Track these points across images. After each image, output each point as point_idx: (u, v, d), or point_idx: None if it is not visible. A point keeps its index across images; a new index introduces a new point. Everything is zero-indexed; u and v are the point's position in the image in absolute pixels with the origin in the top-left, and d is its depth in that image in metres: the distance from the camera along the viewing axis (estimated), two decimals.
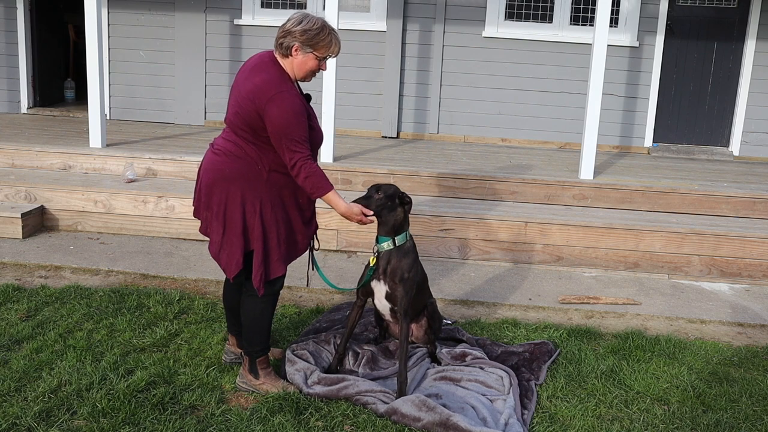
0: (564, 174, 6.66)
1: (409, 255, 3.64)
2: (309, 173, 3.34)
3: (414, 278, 3.64)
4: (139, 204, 6.03)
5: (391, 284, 3.62)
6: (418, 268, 3.69)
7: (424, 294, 3.87)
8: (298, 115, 3.30)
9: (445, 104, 8.37)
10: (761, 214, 6.29)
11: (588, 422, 3.42)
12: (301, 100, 3.35)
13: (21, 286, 4.78)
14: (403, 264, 3.61)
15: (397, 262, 3.60)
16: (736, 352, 4.33)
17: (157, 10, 8.41)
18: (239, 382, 3.60)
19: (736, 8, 8.08)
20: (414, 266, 3.65)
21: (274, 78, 3.33)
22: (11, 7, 8.48)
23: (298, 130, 3.30)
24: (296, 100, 3.32)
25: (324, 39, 3.39)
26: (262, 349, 3.58)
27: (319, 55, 3.40)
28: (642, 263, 5.77)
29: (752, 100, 8.14)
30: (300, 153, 3.31)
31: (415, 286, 3.65)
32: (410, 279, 3.61)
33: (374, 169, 6.48)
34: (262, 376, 3.57)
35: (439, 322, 4.00)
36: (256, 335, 3.56)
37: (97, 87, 6.69)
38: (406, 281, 3.60)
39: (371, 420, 3.33)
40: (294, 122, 3.29)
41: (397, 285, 3.60)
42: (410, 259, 3.64)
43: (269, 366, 3.61)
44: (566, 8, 8.16)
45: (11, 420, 3.19)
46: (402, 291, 3.60)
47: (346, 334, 3.78)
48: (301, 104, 3.35)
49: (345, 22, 7.90)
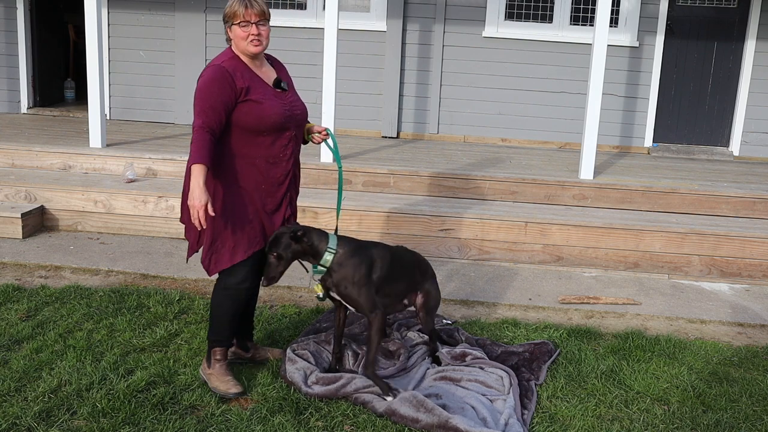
0: (564, 174, 6.66)
1: (345, 264, 3.50)
2: (194, 140, 3.33)
3: (363, 278, 3.51)
4: (139, 204, 6.03)
5: (343, 296, 3.55)
6: (363, 269, 3.53)
7: (407, 277, 3.79)
8: (209, 84, 3.33)
9: (445, 104, 8.36)
10: (761, 214, 6.28)
11: (588, 422, 3.42)
12: (222, 72, 3.35)
13: (21, 286, 4.78)
14: (343, 274, 3.50)
15: (337, 276, 3.51)
16: (736, 352, 4.33)
17: (157, 10, 8.41)
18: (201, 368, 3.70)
19: (736, 8, 8.08)
20: (358, 269, 3.51)
21: (212, 60, 3.50)
22: (11, 7, 8.48)
23: (201, 100, 3.33)
24: (216, 72, 3.35)
25: (231, 6, 3.46)
26: (217, 341, 3.61)
27: (236, 22, 3.44)
28: (642, 263, 5.77)
29: (752, 100, 8.14)
30: (197, 120, 3.33)
31: (368, 283, 3.53)
32: (358, 282, 3.50)
33: (374, 169, 6.48)
34: (212, 368, 3.60)
35: (434, 302, 3.92)
36: (213, 325, 3.62)
37: (97, 87, 6.69)
38: (355, 285, 3.50)
39: (371, 420, 3.33)
40: (200, 91, 3.35)
41: (348, 293, 3.52)
42: (350, 266, 3.50)
43: (222, 361, 3.61)
44: (566, 8, 8.16)
45: (11, 420, 3.19)
46: (355, 295, 3.51)
47: (336, 335, 3.77)
48: (221, 77, 3.34)
49: (345, 22, 7.90)
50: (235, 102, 3.39)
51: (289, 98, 3.60)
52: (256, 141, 3.47)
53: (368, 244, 3.65)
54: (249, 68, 3.49)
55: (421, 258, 3.98)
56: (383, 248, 3.69)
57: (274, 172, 3.54)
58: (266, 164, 3.51)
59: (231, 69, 3.39)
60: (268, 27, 3.52)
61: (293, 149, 3.62)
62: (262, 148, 3.49)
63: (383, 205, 5.98)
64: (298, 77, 8.27)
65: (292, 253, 3.45)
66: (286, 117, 3.52)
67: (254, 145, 3.47)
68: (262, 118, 3.43)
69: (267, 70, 3.60)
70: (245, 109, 3.40)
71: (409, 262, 3.84)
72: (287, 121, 3.53)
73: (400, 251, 3.83)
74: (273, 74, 3.62)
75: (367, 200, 6.13)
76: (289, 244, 3.44)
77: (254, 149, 3.48)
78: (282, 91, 3.57)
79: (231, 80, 3.36)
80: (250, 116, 3.41)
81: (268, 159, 3.51)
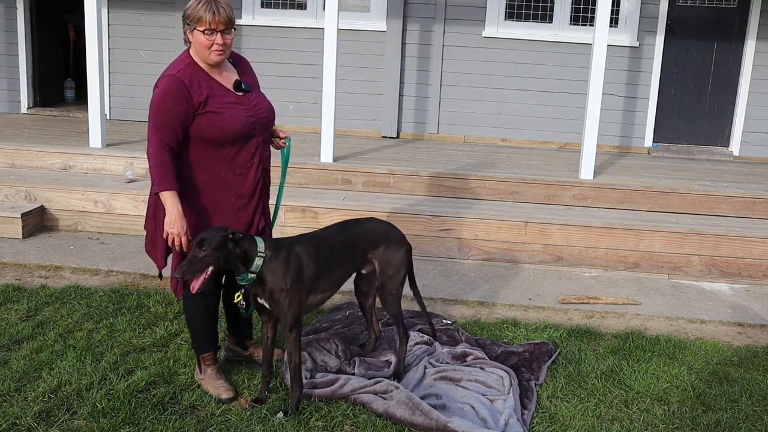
0: (564, 174, 6.66)
1: (276, 269, 3.24)
2: (156, 163, 3.15)
3: (295, 285, 3.26)
4: (139, 204, 6.03)
5: (273, 304, 3.29)
6: (293, 273, 3.25)
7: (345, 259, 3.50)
8: (162, 99, 3.15)
9: (445, 104, 8.36)
10: (761, 214, 6.28)
11: (588, 422, 3.42)
12: (177, 85, 3.16)
13: (21, 286, 4.78)
14: (274, 281, 3.24)
15: (270, 283, 3.24)
16: (736, 352, 4.33)
17: (157, 10, 8.41)
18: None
19: (736, 8, 8.08)
20: (287, 275, 3.24)
21: (168, 66, 3.29)
22: (11, 7, 8.48)
23: (155, 114, 3.16)
24: (171, 84, 3.16)
25: (195, 8, 3.20)
26: (200, 347, 3.59)
27: (200, 28, 3.20)
28: (642, 263, 5.77)
29: (752, 100, 8.14)
30: (153, 137, 3.15)
31: (299, 291, 3.29)
32: (290, 290, 3.25)
33: (374, 169, 6.48)
34: (203, 372, 3.60)
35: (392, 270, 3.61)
36: (192, 333, 3.61)
37: (97, 87, 6.69)
38: (287, 294, 3.25)
39: (371, 420, 3.33)
40: (154, 106, 3.17)
41: (279, 301, 3.26)
42: (279, 271, 3.24)
43: (212, 365, 3.60)
44: (566, 8, 8.16)
45: (11, 420, 3.19)
46: (285, 306, 3.26)
47: (265, 357, 3.48)
48: (175, 89, 3.15)
49: (345, 22, 7.90)
50: (193, 115, 3.20)
51: (253, 101, 3.38)
52: (220, 153, 3.29)
53: (292, 242, 3.35)
54: (207, 75, 3.28)
55: (371, 227, 3.64)
56: (306, 242, 3.39)
57: (242, 185, 3.38)
58: (234, 176, 3.35)
59: (188, 79, 3.19)
60: (232, 35, 3.28)
61: (261, 156, 3.42)
62: (226, 160, 3.31)
63: (383, 205, 5.98)
64: (298, 77, 8.33)
65: (224, 257, 3.12)
66: (250, 124, 3.33)
67: (218, 157, 3.29)
68: (223, 129, 3.24)
69: (227, 74, 3.38)
70: (205, 122, 3.22)
71: (342, 243, 3.50)
72: (252, 127, 3.33)
73: (327, 236, 3.50)
74: (234, 76, 3.40)
75: (367, 200, 6.13)
76: (225, 244, 3.12)
77: (218, 162, 3.30)
78: (244, 93, 3.37)
79: (187, 93, 3.17)
80: (211, 128, 3.23)
81: (235, 171, 3.34)
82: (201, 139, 3.26)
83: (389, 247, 3.64)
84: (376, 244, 3.62)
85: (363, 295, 3.81)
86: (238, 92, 3.36)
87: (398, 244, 3.67)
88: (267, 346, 3.47)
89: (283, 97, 8.16)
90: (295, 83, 8.27)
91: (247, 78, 3.45)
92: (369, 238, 3.60)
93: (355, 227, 3.60)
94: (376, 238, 3.62)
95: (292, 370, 3.37)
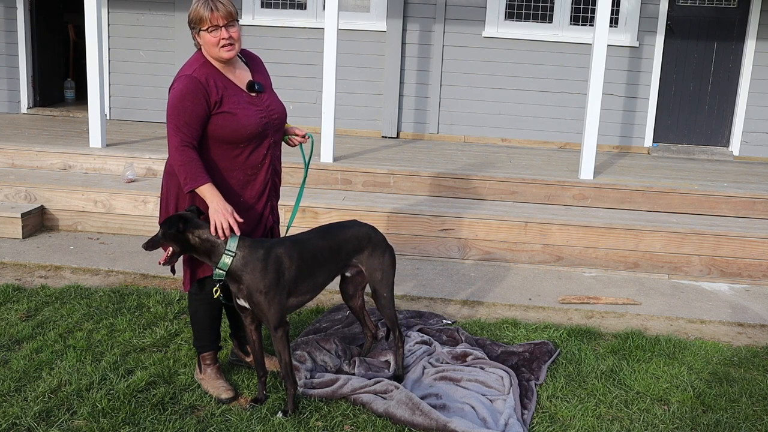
0: (564, 174, 6.66)
1: (252, 269, 3.20)
2: (183, 161, 3.18)
3: (273, 286, 3.22)
4: (139, 204, 6.03)
5: (253, 305, 3.26)
6: (271, 274, 3.22)
7: (329, 264, 3.47)
8: (181, 99, 3.18)
9: (445, 104, 8.36)
10: (761, 214, 6.29)
11: (588, 422, 3.42)
12: (195, 85, 3.20)
13: (21, 286, 4.78)
14: (251, 281, 3.20)
15: (246, 282, 3.21)
16: (736, 352, 4.33)
17: (157, 10, 8.41)
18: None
19: (736, 8, 8.08)
20: (265, 275, 3.20)
21: (182, 67, 3.32)
22: (11, 7, 8.48)
23: (175, 115, 3.19)
24: (189, 84, 3.19)
25: (196, 11, 3.24)
26: (202, 346, 3.61)
27: (203, 28, 3.24)
28: (642, 263, 5.77)
29: (752, 100, 8.14)
30: (175, 138, 3.19)
31: (279, 292, 3.25)
32: (268, 291, 3.21)
33: (374, 169, 6.48)
34: (203, 372, 3.61)
35: (382, 275, 3.61)
36: (195, 332, 3.63)
37: (97, 87, 6.69)
38: (266, 295, 3.21)
39: (371, 420, 3.33)
40: (173, 107, 3.19)
41: (258, 302, 3.23)
42: (257, 271, 3.20)
43: (212, 365, 3.61)
44: (566, 8, 8.16)
45: (11, 420, 3.19)
46: (265, 307, 3.23)
47: (257, 360, 3.49)
48: (194, 89, 3.19)
49: (345, 22, 7.90)
50: (209, 115, 3.25)
51: (266, 102, 3.43)
52: (233, 153, 3.34)
53: (273, 243, 3.32)
54: (222, 74, 3.32)
55: (354, 233, 3.59)
56: (290, 245, 3.35)
57: (253, 186, 3.43)
58: (245, 176, 3.39)
59: (204, 78, 3.23)
60: (238, 27, 3.30)
61: (272, 157, 3.47)
62: (239, 160, 3.36)
63: (383, 205, 5.98)
64: (298, 77, 8.33)
65: (181, 240, 3.16)
66: (263, 125, 3.37)
67: (230, 157, 3.34)
68: (237, 129, 3.29)
69: (241, 72, 3.42)
70: (219, 122, 3.26)
71: (326, 247, 3.46)
72: (265, 128, 3.38)
73: (312, 240, 3.45)
74: (248, 75, 3.44)
75: (367, 200, 6.13)
76: (176, 224, 3.14)
77: (230, 162, 3.35)
78: (257, 94, 3.41)
79: (205, 92, 3.21)
80: (225, 129, 3.27)
81: (246, 171, 3.39)
82: (214, 138, 3.31)
83: (374, 251, 3.63)
84: (360, 249, 3.61)
85: (351, 298, 3.82)
86: (251, 93, 3.39)
87: (382, 247, 3.66)
88: (255, 348, 3.48)
89: (283, 97, 8.04)
90: (295, 83, 8.26)
91: (259, 77, 3.49)
92: (353, 243, 3.59)
93: (339, 232, 3.57)
94: (360, 242, 3.61)
95: (283, 369, 3.36)
